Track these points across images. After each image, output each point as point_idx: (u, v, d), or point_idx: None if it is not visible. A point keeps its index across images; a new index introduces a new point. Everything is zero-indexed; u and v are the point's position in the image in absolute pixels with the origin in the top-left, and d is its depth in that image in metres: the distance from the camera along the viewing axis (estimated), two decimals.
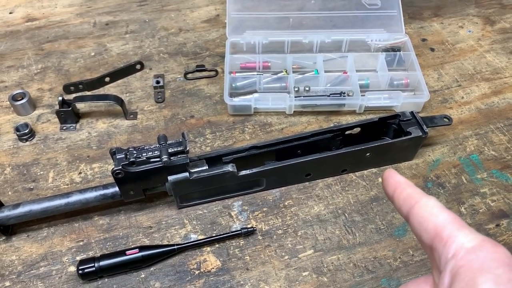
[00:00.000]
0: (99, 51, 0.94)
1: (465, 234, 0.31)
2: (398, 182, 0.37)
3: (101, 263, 0.61)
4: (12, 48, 0.96)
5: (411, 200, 0.35)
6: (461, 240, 0.31)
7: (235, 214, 0.69)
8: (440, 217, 0.33)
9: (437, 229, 0.32)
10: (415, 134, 0.70)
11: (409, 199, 0.35)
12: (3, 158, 0.76)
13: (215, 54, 0.94)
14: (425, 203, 0.34)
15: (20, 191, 0.72)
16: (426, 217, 0.33)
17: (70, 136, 0.79)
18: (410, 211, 0.35)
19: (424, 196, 0.35)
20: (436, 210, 0.33)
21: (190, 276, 0.62)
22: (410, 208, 0.35)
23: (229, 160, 0.69)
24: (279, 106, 0.81)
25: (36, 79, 0.89)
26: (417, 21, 1.02)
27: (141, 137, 0.79)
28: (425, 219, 0.33)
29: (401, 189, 0.36)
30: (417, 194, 0.35)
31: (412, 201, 0.35)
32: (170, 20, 1.02)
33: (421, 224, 0.33)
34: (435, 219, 0.33)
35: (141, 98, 0.85)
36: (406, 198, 0.35)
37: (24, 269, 0.63)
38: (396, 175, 0.38)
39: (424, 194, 0.35)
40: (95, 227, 0.67)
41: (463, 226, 0.32)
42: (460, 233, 0.31)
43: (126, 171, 0.60)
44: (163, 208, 0.69)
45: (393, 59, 0.88)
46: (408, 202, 0.35)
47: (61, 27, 1.00)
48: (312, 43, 0.90)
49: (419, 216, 0.34)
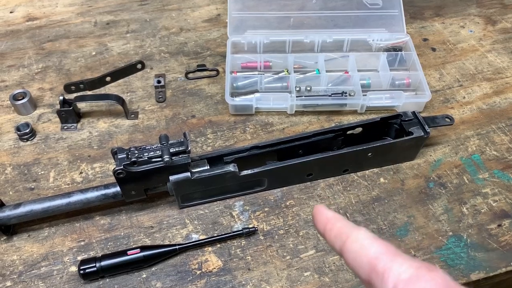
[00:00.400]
0: (100, 50, 0.94)
1: (400, 263, 0.30)
2: (326, 218, 0.35)
3: (102, 263, 0.61)
4: (13, 47, 0.95)
5: (342, 235, 0.33)
6: (397, 271, 0.29)
7: (237, 214, 0.69)
8: (372, 249, 0.31)
9: (371, 263, 0.31)
10: (417, 134, 0.70)
11: (340, 234, 0.34)
12: (4, 157, 0.76)
13: (216, 54, 0.94)
14: (355, 236, 0.33)
15: (21, 190, 0.72)
16: (358, 252, 0.32)
17: (71, 136, 0.79)
18: (343, 248, 0.33)
19: (354, 229, 0.33)
20: (367, 242, 0.32)
21: (191, 276, 0.62)
22: (342, 245, 0.33)
23: (230, 160, 0.69)
24: (280, 106, 0.81)
25: (37, 79, 0.89)
26: (418, 21, 1.02)
27: (142, 136, 0.79)
28: (358, 254, 0.32)
29: (331, 225, 0.35)
30: (347, 228, 0.34)
31: (343, 237, 0.33)
32: (171, 19, 1.01)
33: (355, 260, 0.32)
34: (367, 252, 0.31)
35: (142, 97, 0.85)
36: (336, 234, 0.34)
37: (25, 269, 0.63)
38: (325, 211, 0.36)
39: (354, 227, 0.34)
40: (96, 227, 0.67)
41: (396, 255, 0.31)
42: (395, 264, 0.30)
43: (128, 171, 0.60)
44: (164, 208, 0.69)
45: (395, 59, 0.88)
46: (339, 238, 0.34)
47: (62, 27, 1.00)
48: (313, 42, 0.90)
49: (351, 252, 0.32)
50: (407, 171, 0.74)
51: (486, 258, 0.64)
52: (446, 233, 0.66)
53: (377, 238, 0.32)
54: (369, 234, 0.33)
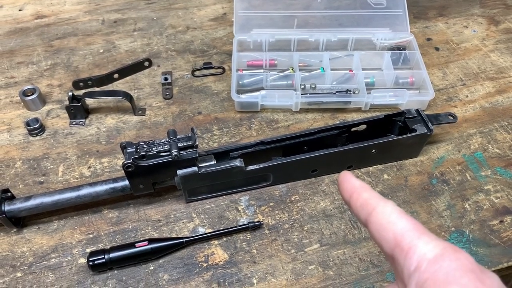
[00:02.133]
0: (108, 48, 0.95)
1: (426, 242, 0.30)
2: (353, 187, 0.35)
3: (111, 255, 0.62)
4: (22, 44, 0.97)
5: (368, 206, 0.33)
6: (422, 250, 0.29)
7: (242, 208, 0.70)
8: (399, 224, 0.31)
9: (397, 238, 0.30)
10: (420, 131, 0.71)
11: (366, 205, 0.33)
12: (14, 152, 0.77)
13: (222, 52, 0.95)
14: (382, 209, 0.32)
15: (31, 184, 0.73)
16: (384, 226, 0.31)
17: (79, 131, 0.80)
18: (368, 219, 0.33)
19: (381, 201, 0.33)
20: (394, 217, 0.31)
21: (198, 269, 0.63)
22: (367, 216, 0.33)
23: (236, 156, 0.70)
24: (285, 103, 0.82)
25: (46, 75, 0.90)
26: (422, 20, 1.03)
27: (149, 132, 0.80)
28: (383, 227, 0.31)
29: (357, 194, 0.34)
30: (374, 199, 0.33)
31: (369, 208, 0.33)
32: (177, 18, 1.03)
33: (380, 233, 0.32)
34: (393, 227, 0.31)
35: (149, 94, 0.86)
36: (363, 204, 0.33)
37: (35, 261, 0.64)
38: (352, 179, 0.35)
39: (381, 199, 0.33)
40: (105, 220, 0.68)
41: (423, 233, 0.30)
42: (420, 242, 0.30)
43: (136, 164, 0.61)
44: (171, 202, 0.71)
45: (399, 57, 0.89)
46: (365, 209, 0.33)
47: (70, 24, 1.01)
48: (318, 41, 0.91)
49: (377, 224, 0.32)
50: (410, 168, 0.75)
51: (488, 253, 0.64)
52: (448, 228, 0.67)
53: (404, 213, 0.32)
54: (396, 208, 0.32)
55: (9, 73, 0.91)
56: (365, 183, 0.35)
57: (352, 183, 0.35)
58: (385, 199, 0.33)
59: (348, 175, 0.36)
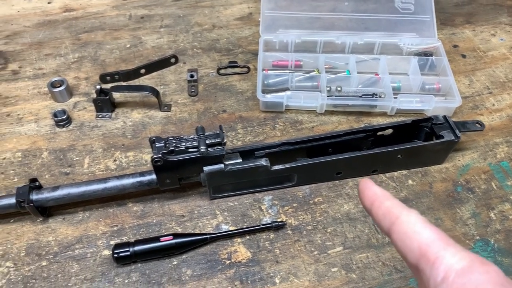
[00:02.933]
0: (134, 43, 0.96)
1: (452, 253, 0.29)
2: (375, 195, 0.34)
3: (136, 248, 0.62)
4: (50, 36, 0.98)
5: (391, 215, 0.32)
6: (449, 261, 0.29)
7: (265, 208, 0.70)
8: (424, 234, 0.30)
9: (422, 249, 0.30)
10: (448, 138, 0.71)
11: (389, 214, 0.33)
12: (40, 142, 0.78)
13: (247, 52, 0.96)
14: (406, 219, 0.32)
15: (57, 175, 0.74)
16: (409, 235, 0.31)
17: (105, 124, 0.81)
18: (391, 228, 0.32)
19: (404, 211, 0.32)
20: (419, 226, 0.31)
21: (221, 266, 0.63)
22: (391, 225, 0.32)
23: (261, 155, 0.71)
24: (310, 105, 0.82)
25: (73, 68, 0.91)
26: (448, 27, 1.02)
27: (174, 128, 0.80)
28: (408, 236, 0.31)
29: (379, 203, 0.34)
30: (397, 208, 0.33)
31: (392, 217, 0.32)
32: (204, 16, 1.03)
33: (405, 243, 0.31)
34: (418, 237, 0.30)
35: (175, 91, 0.87)
36: (385, 213, 0.33)
37: (60, 250, 0.65)
38: (373, 186, 0.35)
39: (404, 208, 0.32)
40: (129, 213, 0.69)
41: (449, 244, 0.30)
42: (447, 253, 0.29)
43: (165, 159, 0.62)
44: (195, 198, 0.71)
45: (425, 63, 0.88)
46: (388, 218, 0.32)
47: (98, 19, 1.02)
48: (344, 44, 0.91)
49: (401, 234, 0.31)
50: (435, 175, 0.74)
51: None
52: (473, 237, 0.67)
53: (428, 223, 0.31)
54: (420, 217, 0.32)
55: (37, 64, 0.92)
56: (386, 191, 0.34)
57: (374, 190, 0.34)
58: (408, 208, 0.32)
59: (370, 182, 0.35)
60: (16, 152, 0.77)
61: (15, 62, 0.93)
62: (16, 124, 0.81)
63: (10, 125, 0.81)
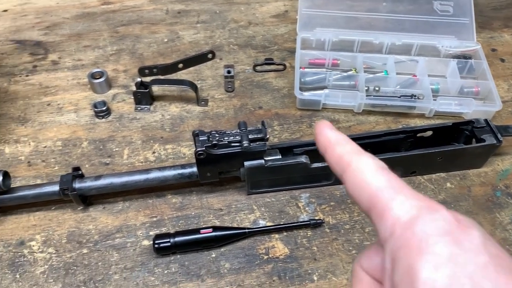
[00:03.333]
0: (172, 38, 0.97)
1: (401, 202, 0.26)
2: (327, 141, 0.31)
3: (176, 239, 0.63)
4: (88, 29, 0.99)
5: (342, 163, 0.29)
6: (396, 213, 0.26)
7: (303, 205, 0.70)
8: (374, 183, 0.27)
9: (372, 200, 0.27)
10: (489, 141, 0.70)
11: (341, 161, 0.30)
12: (80, 132, 0.79)
13: (283, 49, 0.96)
14: (356, 165, 0.28)
15: (97, 164, 0.75)
16: (358, 184, 0.28)
17: (144, 117, 0.82)
18: (343, 177, 0.29)
19: (355, 157, 0.29)
20: (370, 175, 0.28)
21: (259, 260, 0.64)
22: (342, 173, 0.29)
23: (300, 152, 0.71)
24: (348, 104, 0.82)
25: (111, 60, 0.92)
26: (487, 30, 1.01)
27: (211, 123, 0.81)
28: (358, 186, 0.28)
29: (331, 150, 0.31)
30: (348, 155, 0.29)
31: (343, 165, 0.29)
32: (240, 13, 1.04)
33: (355, 192, 0.28)
34: (367, 186, 0.27)
35: (212, 86, 0.88)
36: (337, 161, 0.30)
37: (100, 239, 0.66)
38: (326, 131, 0.32)
39: (355, 153, 0.29)
40: (168, 205, 0.70)
41: (399, 192, 0.26)
42: (395, 202, 0.26)
43: (208, 152, 0.62)
44: (233, 193, 0.71)
45: (464, 66, 0.87)
46: (340, 165, 0.30)
47: (135, 12, 1.03)
48: (382, 44, 0.91)
49: (351, 183, 0.28)
50: (474, 178, 0.74)
51: None
52: None
53: (381, 169, 0.28)
54: (371, 163, 0.28)
55: (76, 55, 0.94)
56: (341, 134, 0.31)
57: (326, 136, 0.31)
58: (360, 153, 0.29)
59: (323, 126, 0.32)
60: (56, 141, 0.78)
61: (55, 52, 0.94)
62: (56, 113, 0.83)
63: (50, 114, 0.82)
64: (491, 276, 0.23)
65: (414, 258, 0.24)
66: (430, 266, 0.23)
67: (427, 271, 0.23)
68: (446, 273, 0.23)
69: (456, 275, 0.23)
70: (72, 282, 0.62)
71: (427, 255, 0.24)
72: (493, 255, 0.24)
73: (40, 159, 0.75)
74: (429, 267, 0.23)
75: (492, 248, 0.24)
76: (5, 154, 0.76)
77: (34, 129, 0.80)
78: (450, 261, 0.23)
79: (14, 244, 0.65)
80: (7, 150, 0.77)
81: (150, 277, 0.62)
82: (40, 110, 0.83)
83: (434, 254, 0.24)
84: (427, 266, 0.23)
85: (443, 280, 0.23)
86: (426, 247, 0.24)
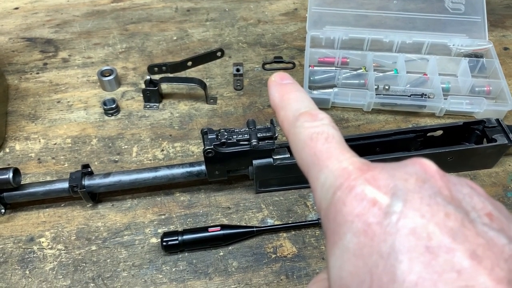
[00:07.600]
0: (181, 35, 0.97)
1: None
2: (272, 104, 0.32)
3: (184, 237, 0.63)
4: (98, 26, 1.00)
5: (283, 129, 0.30)
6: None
7: (311, 204, 0.70)
8: (305, 150, 0.27)
9: (308, 165, 0.27)
10: (501, 141, 0.69)
11: (282, 126, 0.30)
12: (90, 129, 0.80)
13: (292, 47, 0.95)
14: (295, 130, 0.28)
15: (106, 162, 0.75)
16: (298, 148, 0.28)
17: (153, 115, 0.82)
18: (288, 138, 0.30)
19: (294, 119, 0.29)
20: (304, 139, 0.28)
21: (267, 259, 0.64)
22: (287, 135, 0.30)
23: None
24: (358, 103, 0.81)
25: (121, 58, 0.93)
26: (499, 29, 1.00)
27: (220, 121, 0.81)
28: (298, 149, 0.28)
29: (277, 114, 0.31)
30: (290, 118, 0.29)
31: (284, 132, 0.30)
32: (249, 11, 1.04)
33: (296, 154, 0.29)
34: (308, 148, 0.27)
35: (221, 84, 0.87)
36: (282, 120, 0.30)
37: (109, 236, 0.66)
38: (270, 91, 0.32)
39: (295, 116, 0.29)
40: (176, 202, 0.70)
41: (328, 158, 0.26)
42: (322, 175, 0.26)
43: (217, 151, 0.62)
44: (241, 191, 0.71)
45: (475, 65, 0.86)
46: (285, 126, 0.30)
47: (145, 10, 1.04)
48: (392, 42, 0.90)
49: (292, 146, 0.29)
50: (484, 178, 0.73)
51: None
52: None
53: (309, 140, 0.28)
54: (307, 126, 0.28)
55: (86, 53, 0.94)
56: (286, 87, 0.31)
57: (270, 98, 0.32)
58: (300, 114, 0.29)
59: (270, 82, 0.32)
60: (66, 138, 0.79)
61: (65, 50, 0.95)
62: (66, 111, 0.83)
63: (60, 112, 0.83)
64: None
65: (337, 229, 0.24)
66: (351, 234, 0.23)
67: (349, 237, 0.23)
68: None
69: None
70: (81, 279, 0.62)
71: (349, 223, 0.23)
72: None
73: (50, 156, 0.76)
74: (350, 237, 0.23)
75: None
76: (15, 151, 0.77)
77: (44, 126, 0.80)
78: (369, 228, 0.22)
79: (24, 240, 0.66)
80: (18, 147, 0.77)
81: (158, 274, 0.62)
82: (50, 107, 0.84)
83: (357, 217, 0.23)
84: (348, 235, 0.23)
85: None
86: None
